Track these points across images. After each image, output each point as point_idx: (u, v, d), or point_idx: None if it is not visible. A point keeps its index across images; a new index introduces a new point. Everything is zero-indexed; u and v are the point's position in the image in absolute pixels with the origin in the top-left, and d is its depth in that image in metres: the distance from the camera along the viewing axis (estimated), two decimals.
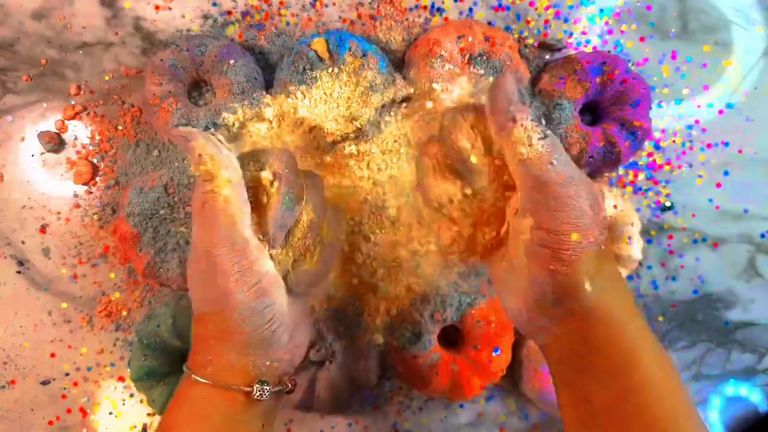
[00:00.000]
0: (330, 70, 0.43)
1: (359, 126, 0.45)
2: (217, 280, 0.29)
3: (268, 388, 0.31)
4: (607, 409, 0.27)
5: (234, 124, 0.43)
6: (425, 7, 0.47)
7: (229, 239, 0.29)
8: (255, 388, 0.30)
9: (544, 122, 0.30)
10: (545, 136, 0.28)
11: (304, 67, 0.43)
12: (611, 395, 0.27)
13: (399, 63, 0.47)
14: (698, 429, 0.27)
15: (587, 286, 0.27)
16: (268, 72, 0.46)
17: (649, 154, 0.50)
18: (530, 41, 0.48)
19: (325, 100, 0.44)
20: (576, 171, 0.28)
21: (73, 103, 0.46)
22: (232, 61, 0.43)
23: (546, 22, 0.48)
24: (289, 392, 0.33)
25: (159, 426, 0.32)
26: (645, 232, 0.50)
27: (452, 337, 0.49)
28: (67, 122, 0.46)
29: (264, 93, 0.44)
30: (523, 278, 0.29)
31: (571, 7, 0.48)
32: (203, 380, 0.31)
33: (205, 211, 0.29)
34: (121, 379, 0.48)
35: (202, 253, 0.30)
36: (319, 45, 0.43)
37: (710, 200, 0.51)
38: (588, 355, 0.28)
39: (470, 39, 0.44)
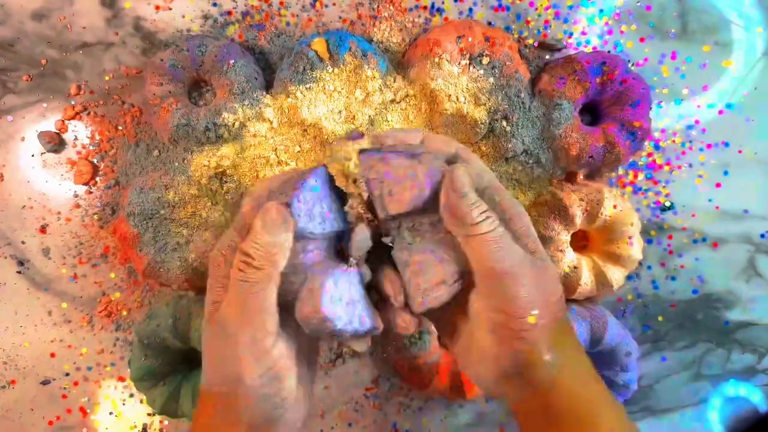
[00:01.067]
0: (330, 70, 0.43)
1: (358, 125, 0.45)
2: (232, 363, 0.30)
3: None
4: None
5: (234, 124, 0.43)
6: (425, 7, 0.47)
7: (253, 329, 0.29)
8: None
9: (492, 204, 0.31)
10: (493, 229, 0.29)
11: (304, 67, 0.43)
12: None
13: (399, 63, 0.47)
14: None
15: (548, 359, 0.29)
16: (268, 72, 0.46)
17: (649, 154, 0.50)
18: (530, 41, 0.48)
19: (324, 100, 0.44)
20: (523, 259, 0.29)
21: (73, 103, 0.46)
22: (232, 61, 0.43)
23: (546, 22, 0.48)
24: None
25: None
26: (645, 232, 0.50)
27: None
28: (67, 122, 0.46)
29: (264, 93, 0.44)
30: (485, 352, 0.30)
31: (571, 7, 0.48)
32: None
33: (240, 291, 0.29)
34: (121, 379, 0.48)
35: (224, 332, 0.30)
36: (319, 45, 0.43)
37: (710, 200, 0.51)
38: (551, 423, 0.29)
39: (470, 39, 0.44)
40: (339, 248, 0.35)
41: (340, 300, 0.32)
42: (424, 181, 0.31)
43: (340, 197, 0.34)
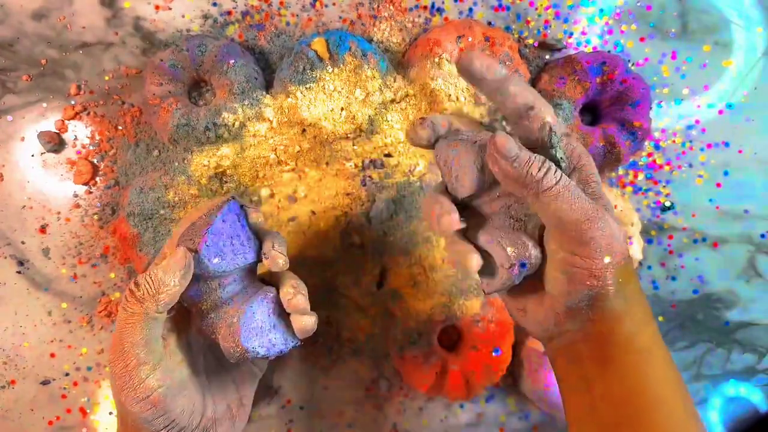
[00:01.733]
0: (330, 69, 0.43)
1: (358, 125, 0.45)
2: (115, 390, 0.32)
3: None
4: (622, 404, 0.30)
5: (234, 124, 0.43)
6: (425, 7, 0.47)
7: (124, 360, 0.31)
8: None
9: (559, 153, 0.31)
10: (557, 180, 0.30)
11: (304, 67, 0.43)
12: (626, 391, 0.30)
13: (399, 63, 0.47)
14: None
15: (617, 294, 0.30)
16: (268, 72, 0.46)
17: (649, 154, 0.50)
18: (530, 41, 0.48)
19: (324, 100, 0.44)
20: (592, 206, 0.30)
21: (73, 103, 0.46)
22: (232, 61, 0.43)
23: (546, 22, 0.48)
24: None
25: None
26: (645, 232, 0.50)
27: (452, 337, 0.49)
28: (67, 122, 0.46)
29: (264, 93, 0.44)
30: (557, 289, 0.31)
31: (571, 7, 0.48)
32: None
33: (119, 320, 0.31)
34: None
35: (110, 364, 0.32)
36: (319, 45, 0.43)
37: (710, 200, 0.51)
38: (611, 350, 0.31)
39: (470, 39, 0.44)
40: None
41: (261, 330, 0.33)
42: (478, 163, 0.32)
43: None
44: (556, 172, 0.29)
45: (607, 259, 0.29)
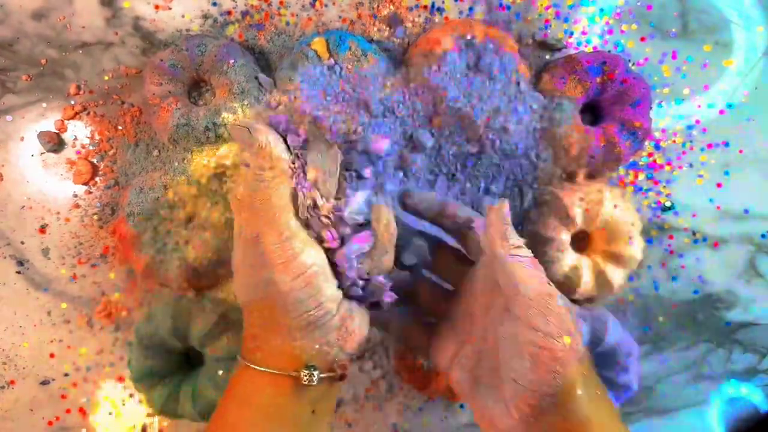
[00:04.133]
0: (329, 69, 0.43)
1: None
2: (262, 269, 0.30)
3: (316, 373, 0.31)
4: None
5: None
6: (425, 7, 0.47)
7: (278, 229, 0.30)
8: (303, 373, 0.31)
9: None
10: (529, 254, 0.31)
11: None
12: None
13: (399, 62, 0.47)
14: None
15: (580, 390, 0.29)
16: (268, 72, 0.46)
17: (650, 154, 0.50)
18: (530, 41, 0.48)
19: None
20: (550, 284, 0.31)
21: (72, 103, 0.46)
22: (231, 61, 0.43)
23: (546, 21, 0.48)
24: (341, 378, 0.33)
25: (215, 412, 0.33)
26: (645, 232, 0.50)
27: None
28: (66, 122, 0.46)
29: (264, 92, 0.44)
30: (520, 380, 0.30)
31: (571, 6, 0.48)
32: (252, 366, 0.31)
33: (257, 199, 0.30)
34: (121, 379, 0.48)
35: (249, 241, 0.31)
36: (319, 45, 0.43)
37: (711, 200, 0.51)
38: None
39: (470, 38, 0.44)
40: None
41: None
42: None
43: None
44: (528, 249, 0.31)
45: (566, 339, 0.29)
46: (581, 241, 0.49)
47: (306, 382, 0.31)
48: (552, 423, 0.29)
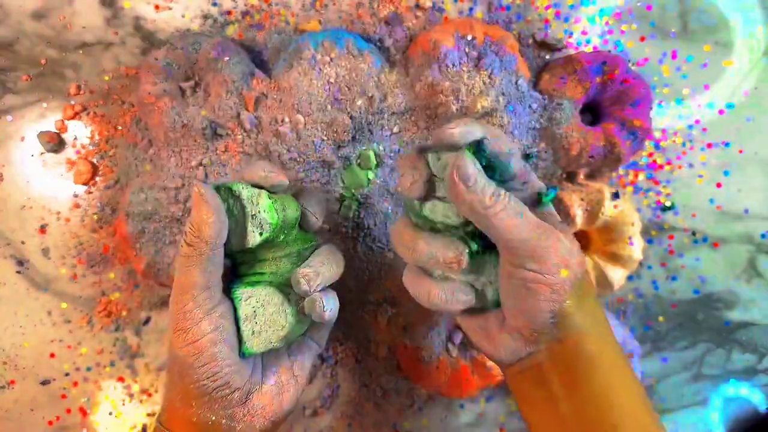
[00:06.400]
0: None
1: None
2: (169, 334, 0.32)
3: None
4: (592, 423, 0.31)
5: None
6: (425, 8, 0.47)
7: (182, 300, 0.32)
8: None
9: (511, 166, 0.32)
10: (505, 205, 0.30)
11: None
12: (595, 410, 0.31)
13: (399, 62, 0.47)
14: None
15: (579, 309, 0.31)
16: (265, 70, 0.46)
17: (650, 154, 0.50)
18: (530, 41, 0.48)
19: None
20: (540, 224, 0.31)
21: (72, 103, 0.46)
22: (226, 59, 0.43)
23: (546, 21, 0.48)
24: None
25: None
26: (645, 232, 0.50)
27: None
28: (66, 122, 0.46)
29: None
30: (519, 308, 0.31)
31: (571, 6, 0.48)
32: (159, 424, 0.33)
33: (179, 266, 0.32)
34: (121, 379, 0.48)
35: (170, 299, 0.33)
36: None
37: (711, 200, 0.51)
38: (578, 369, 0.31)
39: (470, 38, 0.44)
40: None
41: None
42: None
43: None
44: (504, 196, 0.30)
45: (563, 273, 0.30)
46: (581, 241, 0.49)
47: None
48: (552, 341, 0.31)
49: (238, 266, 0.36)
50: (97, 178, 0.47)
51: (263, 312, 0.33)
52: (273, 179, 0.34)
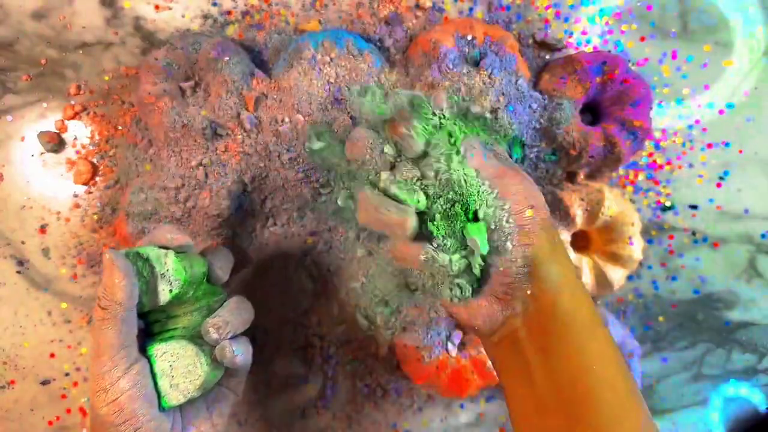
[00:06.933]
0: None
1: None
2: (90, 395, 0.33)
3: None
4: (567, 386, 0.30)
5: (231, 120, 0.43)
6: (425, 8, 0.47)
7: (99, 362, 0.32)
8: None
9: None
10: (474, 144, 0.33)
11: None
12: (570, 373, 0.30)
13: (399, 61, 0.47)
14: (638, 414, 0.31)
15: (551, 258, 0.31)
16: (265, 70, 0.46)
17: (650, 154, 0.50)
18: (530, 41, 0.48)
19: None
20: (504, 164, 0.33)
21: (72, 102, 0.46)
22: (226, 58, 0.43)
23: (546, 21, 0.48)
24: None
25: None
26: (645, 232, 0.50)
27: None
28: (66, 122, 0.46)
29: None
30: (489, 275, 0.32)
31: (571, 6, 0.48)
32: None
33: (95, 329, 0.33)
34: None
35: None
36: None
37: (710, 200, 0.51)
38: (553, 330, 0.31)
39: (470, 38, 0.44)
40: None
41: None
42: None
43: None
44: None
45: (529, 213, 0.31)
46: (581, 241, 0.49)
47: None
48: (525, 294, 0.31)
49: (151, 325, 0.37)
50: (97, 178, 0.47)
51: (178, 365, 0.34)
52: (179, 241, 0.35)
